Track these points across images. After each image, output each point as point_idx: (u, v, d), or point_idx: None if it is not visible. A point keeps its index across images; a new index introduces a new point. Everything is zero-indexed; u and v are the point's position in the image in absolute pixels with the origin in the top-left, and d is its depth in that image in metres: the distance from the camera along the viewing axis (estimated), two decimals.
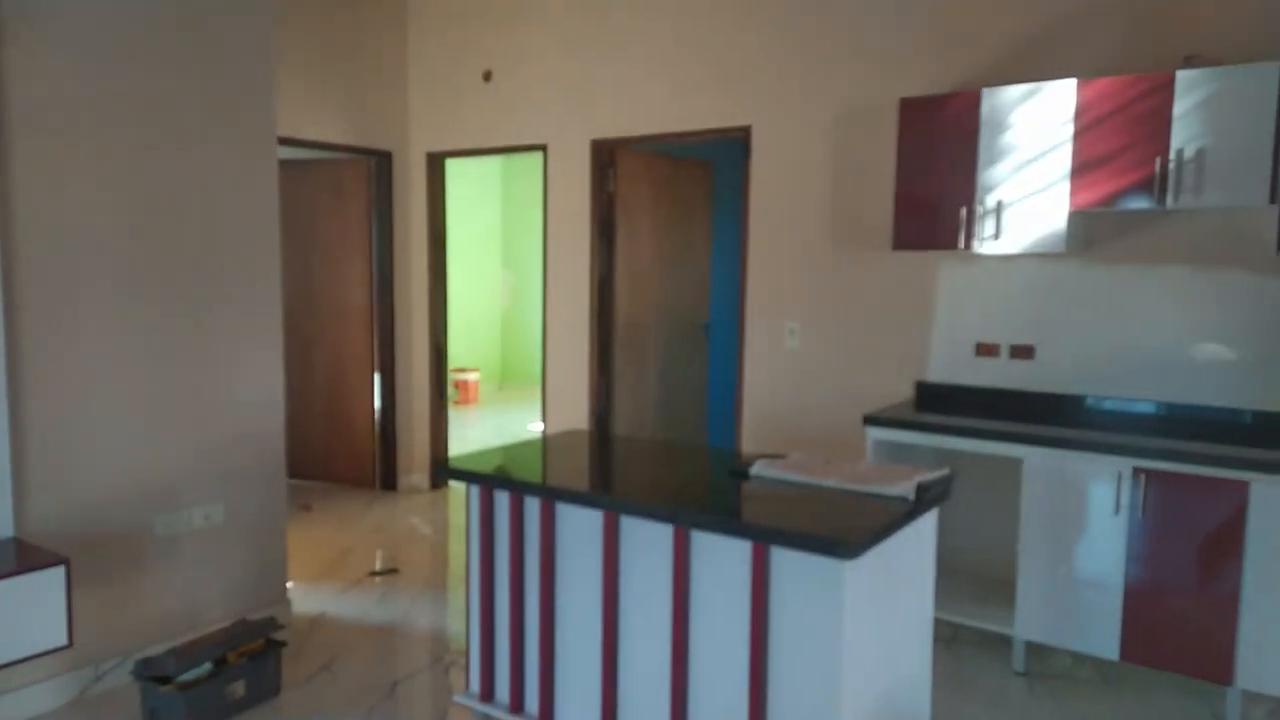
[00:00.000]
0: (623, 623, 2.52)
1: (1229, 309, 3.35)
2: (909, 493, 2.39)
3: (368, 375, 5.75)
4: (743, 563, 2.28)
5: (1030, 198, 3.40)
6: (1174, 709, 3.06)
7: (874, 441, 3.62)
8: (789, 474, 2.58)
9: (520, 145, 5.35)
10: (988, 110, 3.46)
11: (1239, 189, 3.03)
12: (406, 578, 4.29)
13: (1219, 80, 3.04)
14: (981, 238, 3.52)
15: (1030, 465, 3.24)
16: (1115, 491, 3.07)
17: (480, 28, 5.40)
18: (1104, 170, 3.24)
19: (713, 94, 4.56)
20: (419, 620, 3.79)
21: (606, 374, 5.17)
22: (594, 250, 5.08)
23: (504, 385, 10.53)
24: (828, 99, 4.20)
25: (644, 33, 4.77)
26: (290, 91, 4.87)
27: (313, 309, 5.84)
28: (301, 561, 4.41)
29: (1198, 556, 2.95)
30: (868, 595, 2.25)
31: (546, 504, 2.62)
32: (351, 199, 5.68)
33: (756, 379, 4.52)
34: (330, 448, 5.90)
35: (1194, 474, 2.94)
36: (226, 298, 3.46)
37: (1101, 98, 3.23)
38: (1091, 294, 3.62)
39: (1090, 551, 3.14)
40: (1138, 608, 3.05)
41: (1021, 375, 3.78)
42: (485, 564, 2.79)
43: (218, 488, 3.46)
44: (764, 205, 4.45)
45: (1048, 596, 3.23)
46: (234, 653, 3.04)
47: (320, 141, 5.27)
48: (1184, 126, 3.09)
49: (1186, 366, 3.44)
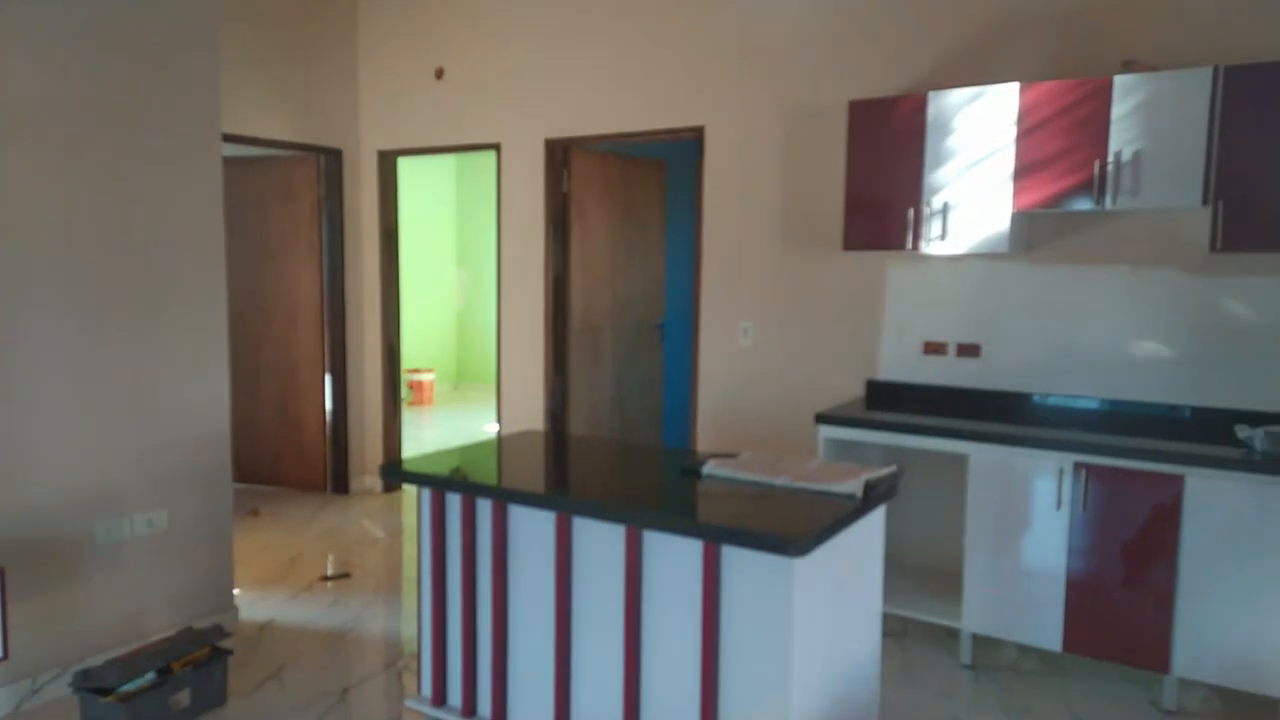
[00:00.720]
0: (575, 623, 2.51)
1: (1165, 307, 3.46)
2: (857, 490, 2.42)
3: (318, 376, 5.66)
4: (694, 562, 2.29)
5: (975, 199, 3.47)
6: (1114, 697, 3.15)
7: (825, 439, 3.67)
8: (740, 473, 2.60)
9: (473, 144, 5.31)
10: (934, 113, 3.52)
11: (1174, 191, 3.13)
12: (358, 582, 4.24)
13: (1154, 85, 3.13)
14: (929, 238, 3.58)
15: (975, 461, 3.31)
16: (1057, 486, 3.15)
17: (432, 25, 5.35)
18: (1046, 172, 3.32)
19: (666, 94, 4.57)
20: (371, 625, 3.75)
21: (562, 373, 5.16)
22: (548, 250, 5.06)
23: (460, 385, 10.44)
24: (779, 100, 4.24)
25: (597, 33, 4.76)
26: (236, 88, 4.77)
27: (261, 309, 5.74)
28: (250, 567, 4.33)
29: (1136, 549, 3.04)
30: (817, 591, 2.28)
31: (499, 506, 2.61)
32: (301, 198, 5.58)
33: (711, 377, 4.55)
34: (280, 451, 5.79)
35: (1132, 469, 3.03)
36: (170, 298, 3.38)
37: (1043, 101, 3.30)
38: (1034, 293, 3.70)
39: (1034, 546, 3.21)
40: (1079, 600, 3.14)
41: (968, 373, 3.86)
42: (437, 567, 2.76)
43: (161, 493, 3.38)
44: (717, 205, 4.47)
45: (993, 590, 3.30)
46: (178, 662, 2.97)
47: (268, 139, 5.17)
48: (1122, 130, 3.17)
49: (1125, 364, 3.54)
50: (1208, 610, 2.93)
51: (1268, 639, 2.82)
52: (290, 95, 5.27)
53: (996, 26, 3.71)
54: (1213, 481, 2.90)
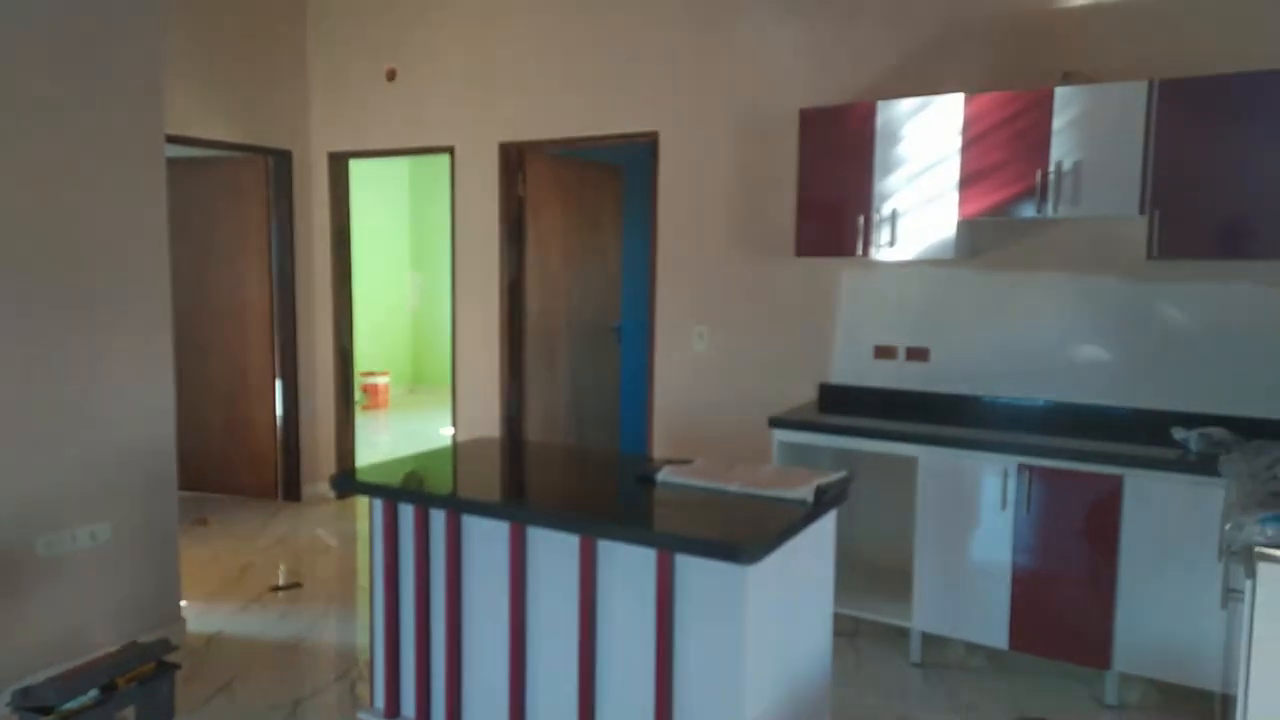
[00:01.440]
0: (530, 632, 2.51)
1: (1104, 312, 3.56)
2: (808, 496, 2.46)
3: (269, 381, 5.56)
4: (648, 570, 2.30)
5: (922, 206, 3.54)
6: (1058, 693, 3.24)
7: (779, 442, 3.71)
8: (694, 480, 2.62)
9: (426, 147, 5.26)
10: (882, 122, 3.58)
11: (1113, 200, 3.23)
12: (310, 592, 4.18)
13: (1093, 97, 3.22)
14: (878, 245, 3.64)
15: (924, 464, 3.38)
16: (1002, 487, 3.23)
17: (383, 25, 5.29)
18: (990, 181, 3.40)
19: (620, 100, 4.58)
20: (323, 635, 3.70)
21: (518, 377, 5.14)
22: (503, 253, 5.04)
23: (415, 388, 10.34)
24: (732, 107, 4.27)
25: (551, 37, 4.76)
26: (180, 87, 4.68)
27: (208, 313, 5.62)
28: (198, 579, 4.24)
29: (1078, 548, 3.13)
30: (769, 597, 2.31)
31: (452, 516, 2.60)
32: (249, 199, 5.48)
33: (667, 381, 4.57)
34: (229, 458, 5.68)
35: (1073, 470, 3.12)
36: (111, 303, 3.30)
37: (986, 112, 3.38)
38: (980, 298, 3.78)
39: (980, 545, 3.29)
40: (1024, 598, 3.22)
41: (917, 376, 3.93)
42: (389, 577, 2.74)
43: (104, 505, 3.30)
44: (672, 210, 4.50)
45: (942, 590, 3.37)
46: (123, 678, 2.90)
47: (213, 140, 5.07)
48: (1062, 140, 3.26)
49: (1067, 366, 3.63)
50: (1146, 607, 3.03)
51: (1202, 633, 2.93)
52: (237, 96, 5.17)
53: (943, 37, 3.78)
54: (1150, 482, 3.00)
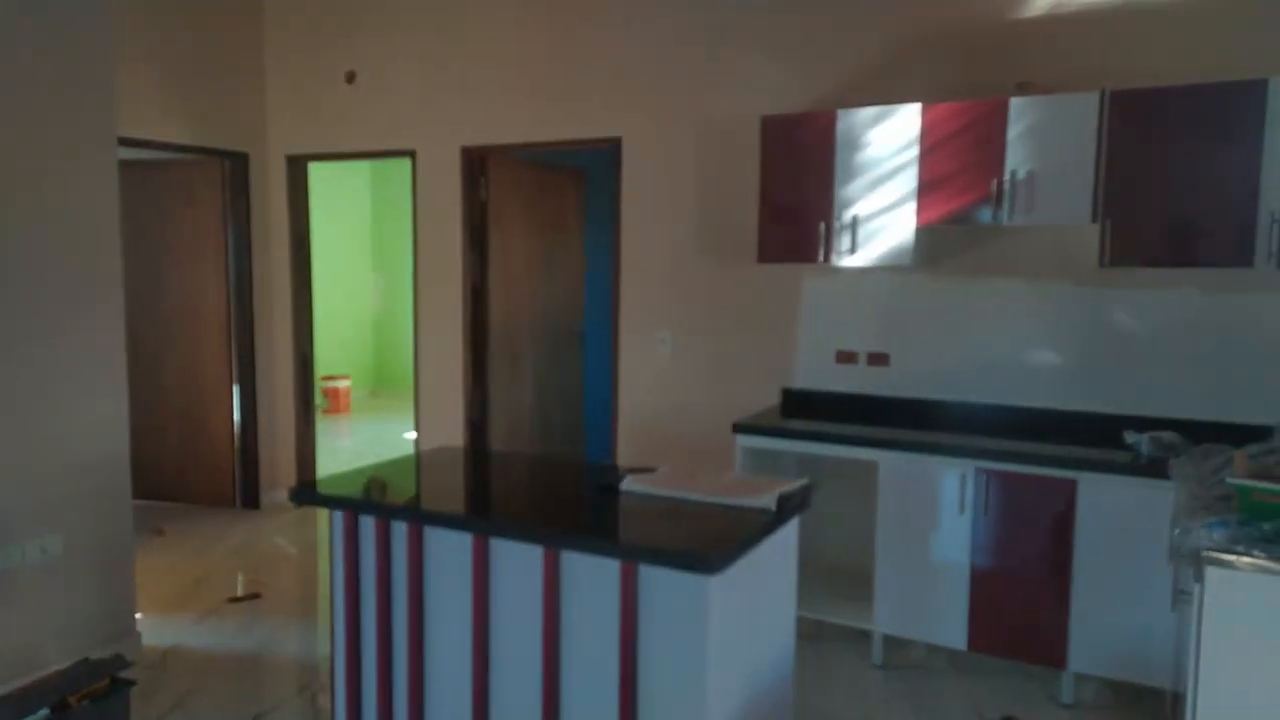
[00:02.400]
0: (494, 645, 2.50)
1: (1058, 317, 3.63)
2: (771, 504, 2.47)
3: (226, 387, 5.47)
4: (612, 580, 2.30)
5: (882, 214, 3.58)
6: (1016, 693, 3.30)
7: (743, 448, 3.73)
8: (657, 489, 2.62)
9: (387, 150, 5.21)
10: (843, 130, 3.62)
11: (1066, 208, 3.30)
12: (269, 602, 4.11)
13: (1046, 107, 3.29)
14: (839, 251, 3.68)
15: (884, 468, 3.42)
16: (960, 491, 3.28)
17: (342, 27, 5.22)
18: (947, 189, 3.45)
19: (583, 104, 4.57)
20: (283, 647, 3.65)
21: (481, 381, 5.11)
22: (466, 258, 5.01)
23: (377, 391, 10.23)
24: (695, 113, 4.29)
25: (513, 41, 4.73)
26: (133, 88, 4.57)
27: (162, 319, 5.51)
28: (153, 591, 4.16)
29: (1034, 550, 3.19)
30: (733, 605, 2.32)
31: (414, 528, 2.57)
32: (204, 202, 5.38)
33: (631, 386, 4.58)
34: (185, 465, 5.58)
35: (1029, 473, 3.18)
36: (61, 309, 3.22)
37: (943, 121, 3.43)
38: (938, 304, 3.84)
39: (940, 548, 3.34)
40: (982, 600, 3.28)
41: (878, 381, 3.98)
42: (350, 589, 2.71)
43: (55, 517, 3.22)
44: (635, 215, 4.50)
45: (903, 592, 3.42)
46: (75, 696, 2.83)
47: (167, 142, 4.97)
48: (1016, 150, 3.32)
49: (1023, 371, 3.70)
50: (1100, 607, 3.10)
51: (1153, 633, 3.00)
52: (192, 97, 5.08)
53: (902, 47, 3.83)
54: (1103, 485, 3.07)
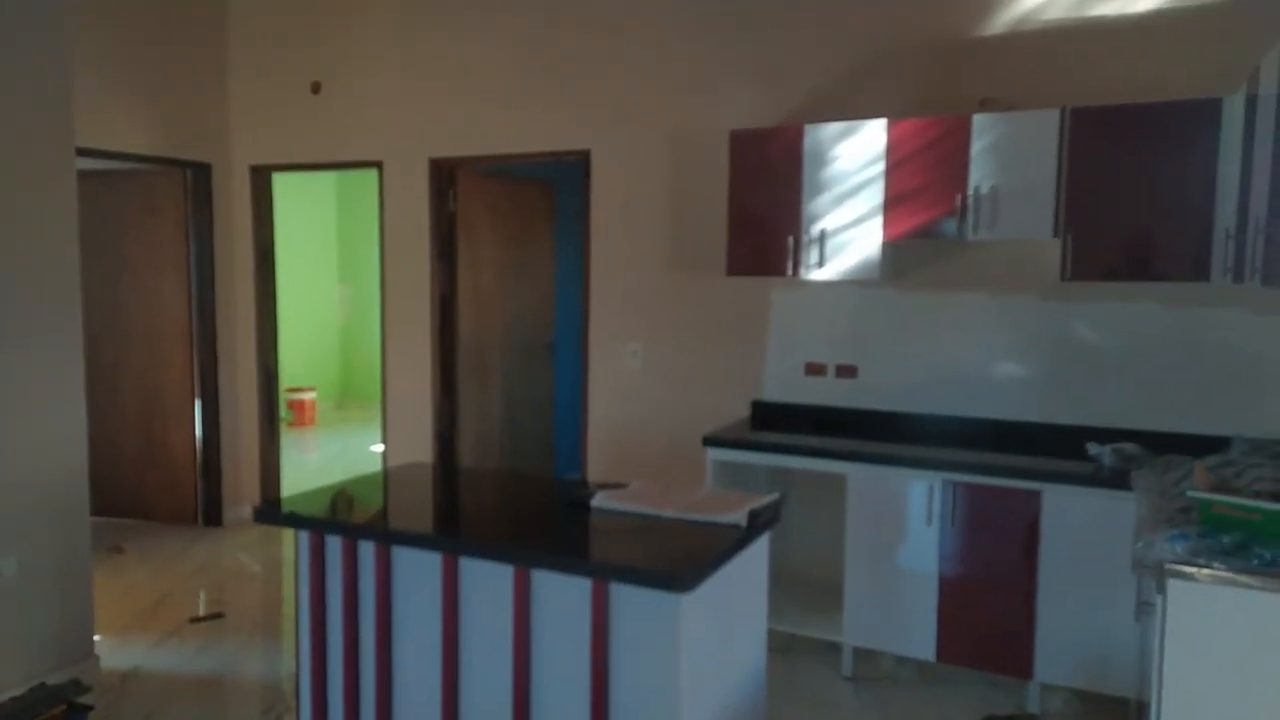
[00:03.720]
0: (463, 665, 2.47)
1: (1022, 330, 3.69)
2: (741, 520, 2.48)
3: (187, 401, 5.37)
4: (583, 599, 2.29)
5: (849, 228, 3.62)
6: (984, 703, 3.33)
7: (713, 461, 3.74)
8: (628, 505, 2.61)
9: (354, 161, 5.16)
10: (810, 145, 3.65)
11: (1028, 223, 3.35)
12: (233, 622, 4.03)
13: (1008, 124, 3.34)
14: (807, 265, 3.71)
15: (853, 481, 3.44)
16: (928, 503, 3.31)
17: (307, 37, 5.17)
18: (912, 204, 3.49)
19: (551, 117, 4.56)
20: (247, 668, 3.58)
21: (450, 394, 5.07)
22: (434, 270, 4.97)
23: (344, 403, 10.10)
24: (664, 126, 4.30)
25: (481, 53, 4.72)
26: (93, 98, 4.48)
27: (121, 333, 5.40)
28: (112, 611, 4.06)
29: (1000, 562, 3.23)
30: (704, 622, 2.31)
31: (381, 548, 2.54)
32: (165, 213, 5.29)
33: (601, 399, 4.57)
34: (145, 481, 5.46)
35: (994, 485, 3.22)
36: (17, 323, 3.13)
37: (908, 137, 3.47)
38: (904, 317, 3.88)
39: (908, 560, 3.37)
40: (950, 611, 3.30)
41: (846, 393, 4.01)
42: (316, 609, 2.66)
43: (9, 536, 3.13)
44: (604, 227, 4.50)
45: (872, 604, 3.44)
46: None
47: (127, 152, 4.88)
48: (980, 165, 3.37)
49: (988, 383, 3.75)
50: (1065, 617, 3.14)
51: (1117, 642, 3.04)
52: (154, 107, 4.99)
53: (869, 63, 3.88)
54: (1067, 496, 3.11)
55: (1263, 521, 2.13)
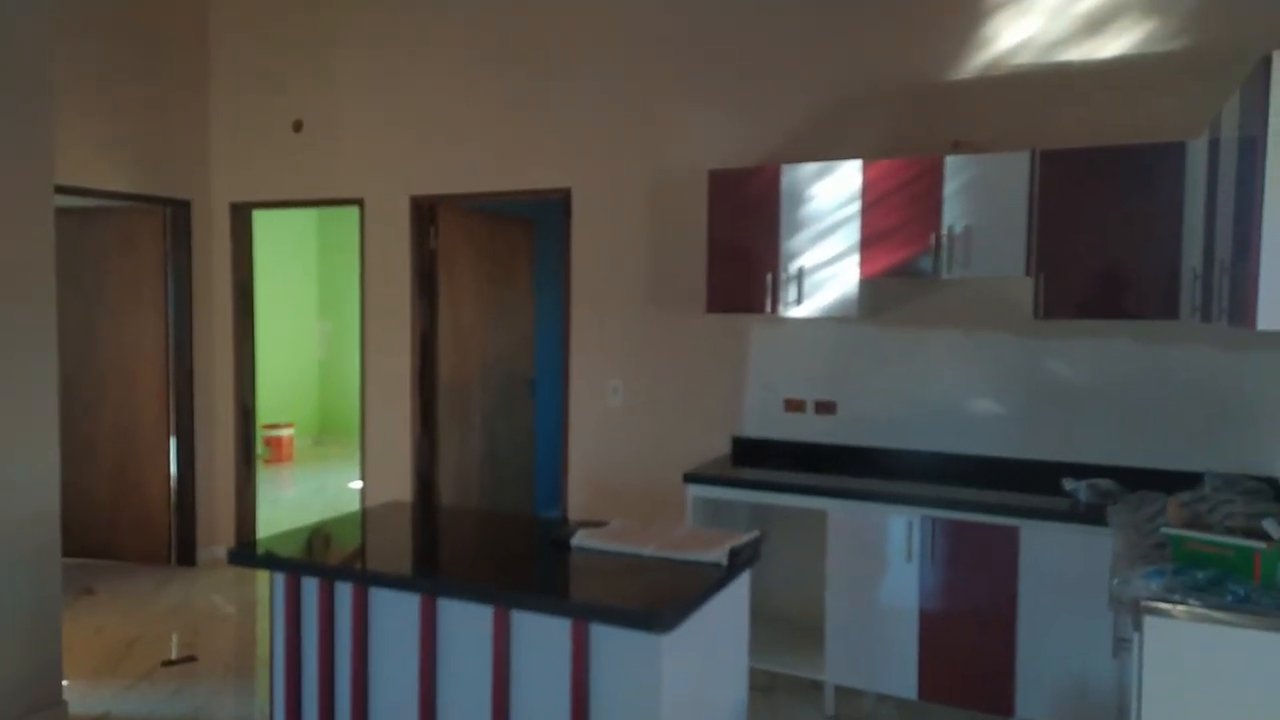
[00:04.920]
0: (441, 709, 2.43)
1: (998, 367, 3.73)
2: (722, 559, 2.48)
3: (162, 439, 5.31)
4: (563, 640, 2.27)
5: (827, 265, 3.66)
6: None
7: (694, 498, 3.74)
8: (608, 544, 2.61)
9: (335, 199, 5.18)
10: (787, 185, 3.71)
11: (1001, 262, 3.41)
12: (206, 665, 3.95)
13: (980, 166, 3.41)
14: (786, 302, 3.74)
15: (833, 517, 3.45)
16: (907, 539, 3.32)
17: (289, 75, 5.21)
18: (888, 242, 3.54)
19: (532, 155, 4.61)
20: (220, 713, 3.50)
21: (430, 430, 5.04)
22: (415, 306, 4.97)
23: (322, 439, 10.01)
24: (644, 165, 4.35)
25: (462, 91, 4.77)
26: (73, 135, 4.48)
27: (96, 371, 5.34)
28: (82, 654, 3.97)
29: (980, 598, 3.23)
30: (685, 662, 2.30)
31: (359, 589, 2.51)
32: (143, 251, 5.27)
33: (582, 436, 4.56)
34: (117, 521, 5.37)
35: (972, 521, 3.24)
36: None
37: (882, 177, 3.54)
38: (882, 354, 3.92)
39: (889, 597, 3.37)
40: (931, 649, 3.30)
41: (826, 429, 4.03)
42: (291, 652, 2.62)
43: None
44: (585, 265, 4.53)
45: (853, 642, 3.43)
46: None
47: (106, 190, 4.87)
48: (953, 206, 3.44)
49: (965, 419, 3.78)
50: (1045, 654, 3.15)
51: (1096, 678, 3.05)
52: (133, 144, 5.00)
53: (845, 105, 3.95)
54: (1044, 532, 3.14)
55: (1235, 558, 2.16)
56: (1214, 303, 2.70)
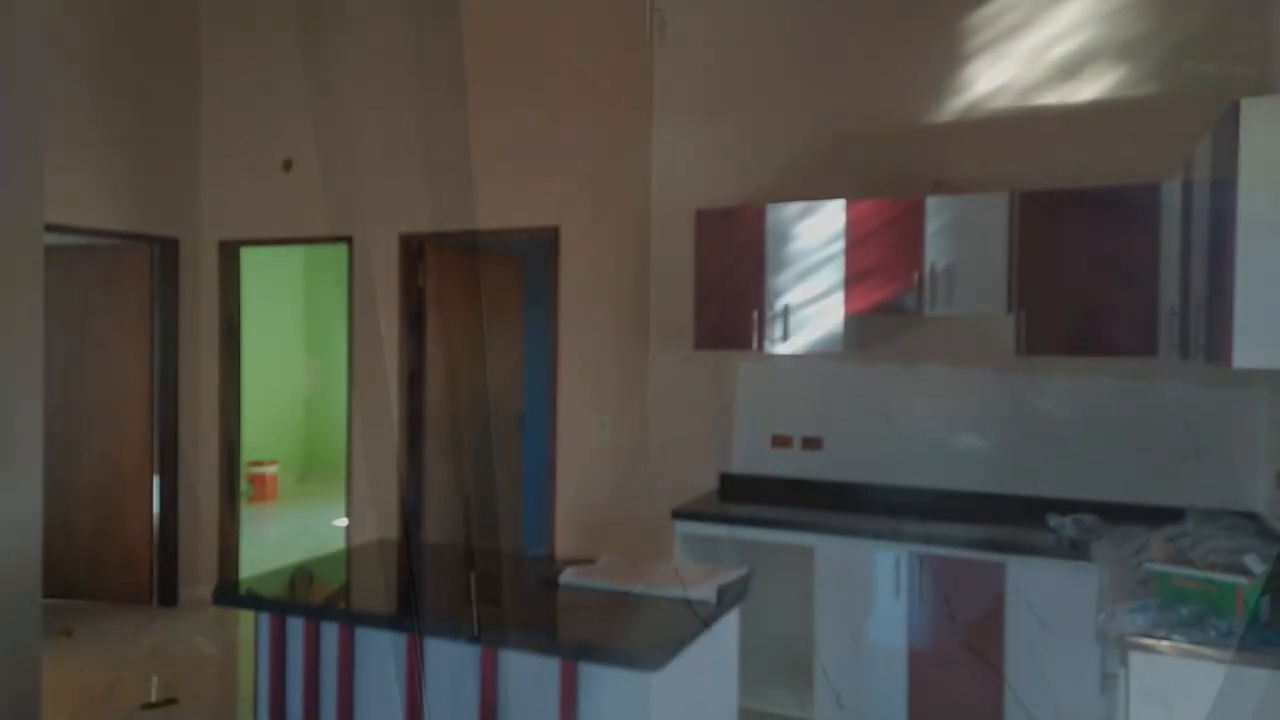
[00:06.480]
0: None
1: (981, 403, 3.77)
2: (710, 596, 2.48)
3: (146, 478, 5.26)
4: (552, 679, 2.26)
5: (812, 303, 3.71)
6: None
7: (682, 534, 3.73)
8: (597, 581, 2.60)
9: (324, 237, 5.21)
10: (773, 223, 3.76)
11: (982, 299, 3.46)
12: (186, 709, 3.88)
13: (960, 206, 3.48)
14: (772, 339, 3.78)
15: (820, 553, 3.46)
16: (895, 575, 3.33)
17: (279, 115, 5.26)
18: (872, 280, 3.60)
19: (521, 194, 4.66)
20: None
21: (417, 467, 5.02)
22: (403, 343, 4.98)
23: (307, 476, 9.92)
24: (632, 204, 4.41)
25: (450, 130, 4.82)
26: (61, 173, 4.50)
27: (80, 409, 5.30)
28: (59, 698, 3.89)
29: (968, 633, 3.24)
30: (674, 700, 2.29)
31: (344, 629, 2.49)
32: (130, 289, 5.27)
33: (570, 472, 4.56)
34: (98, 560, 5.30)
35: (960, 557, 3.25)
36: None
37: (866, 217, 3.60)
38: (867, 390, 3.96)
39: (877, 633, 3.37)
40: (920, 685, 3.29)
41: (813, 465, 4.05)
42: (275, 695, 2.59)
43: None
44: (574, 301, 4.56)
45: (843, 678, 3.41)
46: None
47: (94, 228, 4.88)
48: (935, 245, 3.50)
49: (950, 454, 3.81)
50: (1032, 689, 3.14)
51: (1085, 713, 3.05)
52: (123, 183, 5.02)
53: (829, 145, 4.02)
54: (1029, 568, 3.15)
55: (1218, 594, 2.18)
56: (1191, 340, 2.76)
